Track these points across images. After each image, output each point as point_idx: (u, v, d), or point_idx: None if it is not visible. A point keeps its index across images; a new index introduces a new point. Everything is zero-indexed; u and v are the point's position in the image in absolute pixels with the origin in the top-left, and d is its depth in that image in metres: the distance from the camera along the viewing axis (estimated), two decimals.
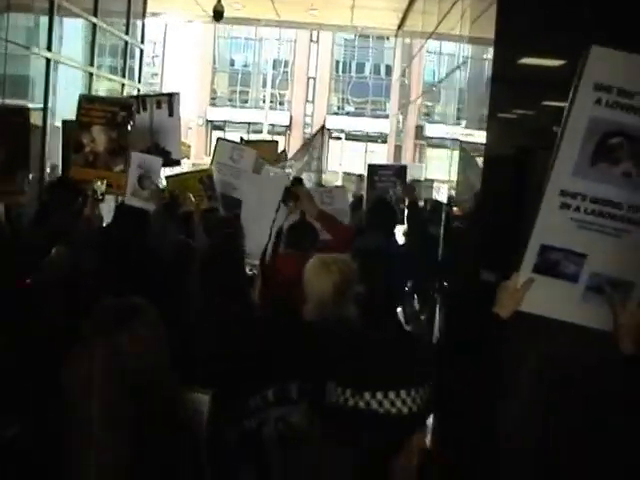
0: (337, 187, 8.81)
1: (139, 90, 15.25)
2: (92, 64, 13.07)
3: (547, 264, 2.55)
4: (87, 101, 7.61)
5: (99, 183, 6.85)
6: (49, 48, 11.02)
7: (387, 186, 8.40)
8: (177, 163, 8.26)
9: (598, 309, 2.55)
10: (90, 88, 12.71)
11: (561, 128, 2.46)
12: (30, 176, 6.86)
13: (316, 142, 10.06)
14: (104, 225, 6.27)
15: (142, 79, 15.77)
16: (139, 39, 15.58)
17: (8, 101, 9.92)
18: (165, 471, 2.13)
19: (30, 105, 10.37)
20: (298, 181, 6.73)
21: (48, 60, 11.04)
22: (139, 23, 15.52)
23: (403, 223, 7.43)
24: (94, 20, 12.94)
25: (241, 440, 2.51)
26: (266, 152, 8.53)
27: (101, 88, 13.77)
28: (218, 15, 16.24)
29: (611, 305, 2.51)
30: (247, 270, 5.11)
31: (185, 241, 5.46)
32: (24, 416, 2.52)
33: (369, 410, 1.83)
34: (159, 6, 18.08)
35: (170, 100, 8.21)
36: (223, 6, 16.33)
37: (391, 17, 17.50)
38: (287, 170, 9.49)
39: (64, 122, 8.89)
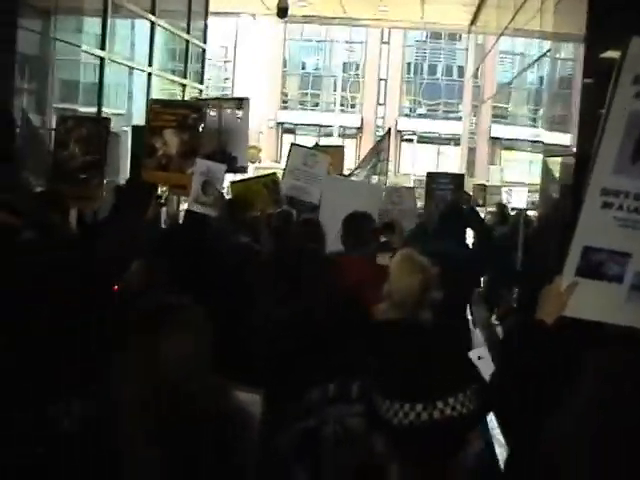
0: (407, 188, 8.94)
1: (201, 92, 15.08)
2: (150, 64, 12.81)
3: (590, 266, 2.49)
4: (157, 105, 7.77)
5: (163, 188, 7.12)
6: (102, 47, 10.95)
7: (445, 194, 8.39)
8: (243, 170, 8.27)
9: None
10: (148, 90, 12.59)
11: (601, 125, 2.40)
12: (105, 182, 7.11)
13: (383, 145, 10.05)
14: (167, 227, 6.42)
15: (211, 82, 15.66)
16: (202, 39, 15.38)
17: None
18: (198, 472, 2.08)
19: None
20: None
21: (102, 59, 10.99)
22: (201, 23, 15.31)
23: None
24: (152, 18, 12.67)
25: (299, 439, 2.42)
26: (333, 157, 8.56)
27: (161, 90, 13.62)
28: (282, 12, 15.77)
29: None
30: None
31: (250, 244, 5.55)
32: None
33: (421, 422, 1.76)
34: (223, 5, 17.75)
35: (240, 105, 8.29)
36: (287, 2, 15.87)
37: (463, 12, 16.92)
38: (354, 177, 9.53)
39: (133, 127, 9.16)
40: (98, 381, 2.30)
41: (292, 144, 8.92)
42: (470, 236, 7.41)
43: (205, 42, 15.27)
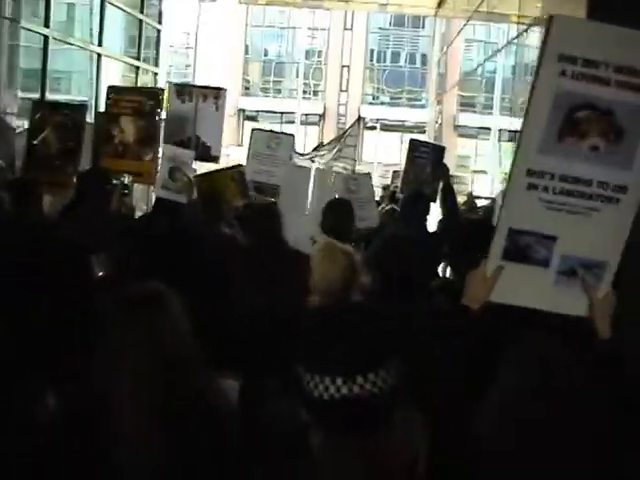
0: (364, 175, 8.83)
1: (156, 75, 14.42)
2: (100, 44, 12.15)
3: (516, 249, 2.46)
4: (115, 92, 7.81)
5: (125, 177, 7.30)
6: (46, 25, 10.34)
7: (425, 163, 8.29)
8: (215, 159, 8.32)
9: (571, 294, 2.48)
10: (98, 73, 11.96)
11: (527, 104, 2.34)
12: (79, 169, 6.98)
13: (352, 131, 10.13)
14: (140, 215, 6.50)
15: (173, 69, 15.01)
16: (157, 19, 14.65)
17: None
18: (193, 455, 2.14)
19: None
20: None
21: (46, 38, 10.37)
22: (156, 2, 14.66)
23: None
24: None
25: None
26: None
27: (111, 72, 12.89)
28: None
29: (585, 289, 2.44)
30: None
31: (232, 236, 5.70)
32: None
33: (341, 396, 1.75)
34: None
35: (217, 95, 8.36)
36: None
37: None
38: (316, 160, 9.94)
39: (97, 114, 9.16)
40: (80, 370, 2.33)
41: (253, 129, 9.11)
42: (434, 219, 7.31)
43: (160, 23, 14.47)
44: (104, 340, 2.24)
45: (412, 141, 8.89)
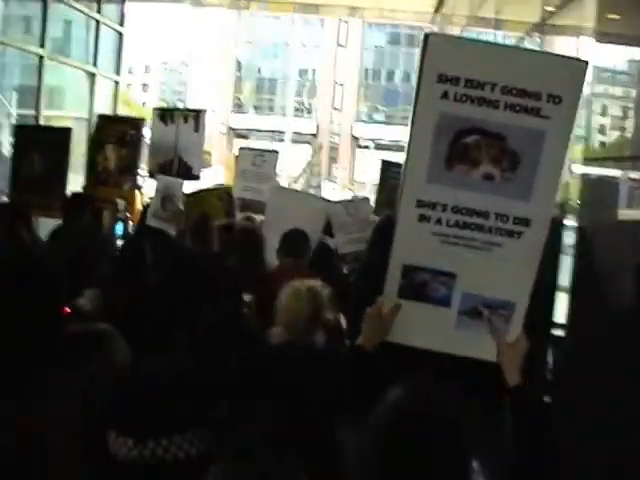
0: (362, 199, 8.69)
1: (117, 83, 13.03)
2: (42, 45, 10.19)
3: (413, 287, 2.31)
4: (104, 121, 8.09)
5: (120, 202, 7.48)
6: None
7: (396, 183, 8.27)
8: (197, 178, 8.49)
9: (476, 336, 2.31)
10: (40, 77, 10.21)
11: (409, 130, 2.20)
12: (67, 192, 7.02)
13: (315, 160, 10.18)
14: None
15: (167, 87, 13.60)
16: (117, 20, 12.98)
17: None
18: None
19: None
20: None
21: None
22: (118, 1, 13.02)
23: None
24: None
25: None
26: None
27: (58, 77, 11.37)
28: None
29: (491, 332, 2.27)
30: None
31: (220, 257, 5.64)
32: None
33: (131, 459, 1.72)
34: None
35: (197, 116, 8.52)
36: None
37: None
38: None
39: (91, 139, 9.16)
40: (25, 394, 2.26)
41: (240, 148, 9.51)
42: None
43: (122, 25, 12.96)
44: (44, 372, 2.23)
45: (383, 162, 8.88)
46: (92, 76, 11.85)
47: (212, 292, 4.29)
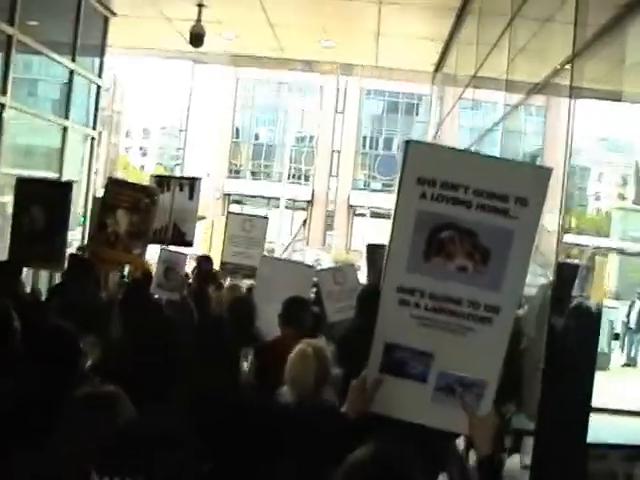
0: (349, 266, 9.06)
1: (93, 140, 12.24)
2: (4, 92, 9.22)
3: (393, 363, 2.56)
4: (116, 185, 8.17)
5: (127, 267, 7.76)
6: None
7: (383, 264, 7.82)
8: (189, 244, 9.02)
9: (450, 410, 2.55)
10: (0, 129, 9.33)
11: (391, 224, 2.51)
12: (68, 246, 7.46)
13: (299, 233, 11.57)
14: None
15: (165, 151, 12.91)
16: (95, 72, 12.27)
17: None
18: None
19: None
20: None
21: None
22: (97, 52, 12.32)
23: None
24: (9, 31, 9.17)
25: None
26: None
27: (27, 129, 10.55)
28: (197, 39, 12.22)
29: (464, 407, 2.52)
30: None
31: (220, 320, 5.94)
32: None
33: None
34: (129, 39, 13.88)
35: (192, 184, 9.11)
36: (203, 28, 11.97)
37: (427, 52, 13.88)
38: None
39: (95, 199, 9.64)
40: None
41: (229, 212, 10.32)
42: None
43: (100, 76, 12.30)
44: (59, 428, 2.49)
45: (368, 246, 9.13)
46: (64, 130, 10.98)
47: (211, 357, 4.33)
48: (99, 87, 12.43)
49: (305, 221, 28.58)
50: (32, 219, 7.41)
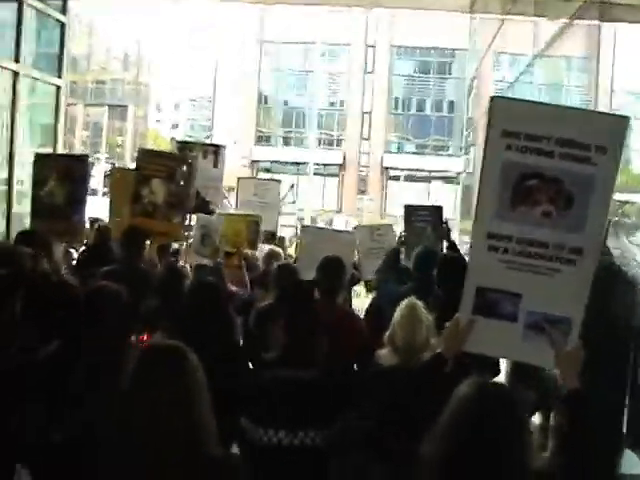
0: (386, 225, 9.18)
1: (59, 89, 10.46)
2: None
3: (485, 305, 2.74)
4: (147, 155, 8.06)
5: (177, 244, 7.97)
6: None
7: (423, 226, 8.17)
8: (213, 213, 8.58)
9: (539, 347, 2.72)
10: None
11: (480, 174, 2.70)
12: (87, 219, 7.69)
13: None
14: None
15: (196, 122, 11.53)
16: (59, 8, 10.36)
17: None
18: None
19: None
20: None
21: None
22: None
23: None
24: None
25: None
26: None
27: None
28: None
29: (551, 343, 2.69)
30: None
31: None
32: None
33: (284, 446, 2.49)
34: None
35: (216, 151, 8.80)
36: None
37: None
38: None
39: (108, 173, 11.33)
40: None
41: (239, 178, 9.78)
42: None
43: (64, 13, 10.34)
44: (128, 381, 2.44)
45: (407, 207, 8.78)
46: (14, 75, 9.24)
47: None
48: (63, 25, 10.59)
49: (292, 185, 26.77)
50: (51, 193, 7.53)
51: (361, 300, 9.08)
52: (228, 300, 5.12)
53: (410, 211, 8.55)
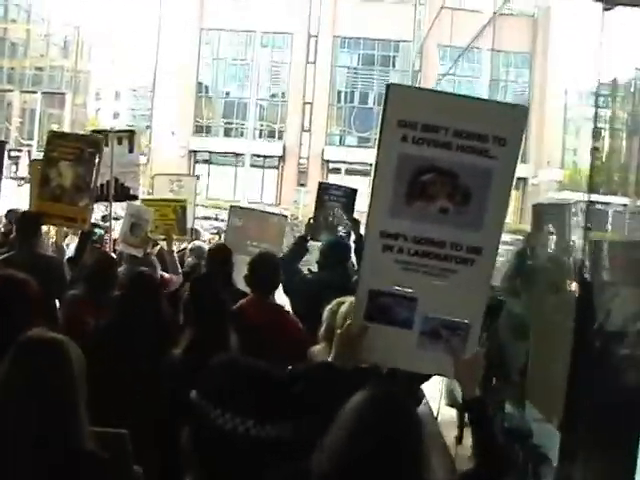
0: (276, 214, 9.40)
1: None
2: None
3: (378, 310, 2.59)
4: (57, 137, 7.90)
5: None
6: None
7: (334, 205, 8.23)
8: (135, 198, 8.73)
9: (436, 355, 2.59)
10: None
11: (373, 168, 2.55)
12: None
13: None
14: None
15: (137, 112, 12.70)
16: None
17: None
18: None
19: None
20: None
21: None
22: None
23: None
24: None
25: None
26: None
27: None
28: None
29: (449, 351, 2.56)
30: None
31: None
32: None
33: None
34: None
35: (131, 137, 8.84)
36: None
37: None
38: None
39: (32, 161, 9.98)
40: None
41: (155, 175, 10.39)
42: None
43: None
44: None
45: (321, 184, 8.96)
46: None
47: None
48: None
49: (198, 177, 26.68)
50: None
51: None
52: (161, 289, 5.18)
53: (323, 189, 8.59)
